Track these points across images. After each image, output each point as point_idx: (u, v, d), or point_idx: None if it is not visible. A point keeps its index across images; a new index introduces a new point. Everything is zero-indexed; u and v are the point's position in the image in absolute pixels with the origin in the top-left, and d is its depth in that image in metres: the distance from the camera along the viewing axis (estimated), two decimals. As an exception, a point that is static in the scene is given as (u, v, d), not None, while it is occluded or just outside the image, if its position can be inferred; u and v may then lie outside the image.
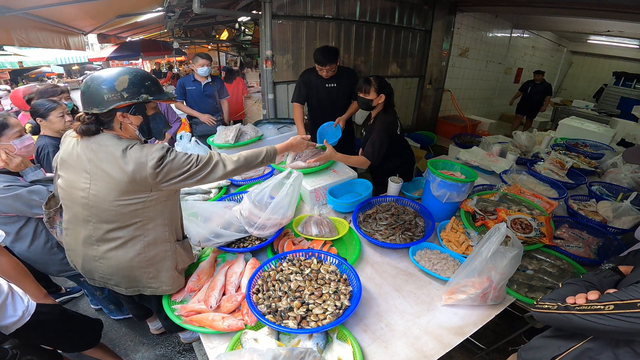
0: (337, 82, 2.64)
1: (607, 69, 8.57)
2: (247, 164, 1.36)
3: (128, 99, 1.11)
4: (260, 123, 2.82)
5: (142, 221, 1.21)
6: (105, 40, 8.10)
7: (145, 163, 1.09)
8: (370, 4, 4.15)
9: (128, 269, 1.29)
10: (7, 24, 2.91)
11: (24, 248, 1.71)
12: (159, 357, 2.09)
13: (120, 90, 1.09)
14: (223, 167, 1.27)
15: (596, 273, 1.09)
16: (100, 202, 1.16)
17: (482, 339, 1.92)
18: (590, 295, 0.86)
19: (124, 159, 1.10)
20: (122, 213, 1.17)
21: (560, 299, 0.95)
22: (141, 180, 1.11)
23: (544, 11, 4.71)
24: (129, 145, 1.12)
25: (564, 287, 1.04)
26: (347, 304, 1.23)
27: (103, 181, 1.13)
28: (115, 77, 1.09)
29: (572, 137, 3.70)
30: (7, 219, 1.62)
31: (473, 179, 1.86)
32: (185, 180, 1.19)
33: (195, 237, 1.49)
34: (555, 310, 0.90)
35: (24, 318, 1.23)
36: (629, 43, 6.96)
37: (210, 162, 1.24)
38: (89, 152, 1.14)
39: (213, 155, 1.27)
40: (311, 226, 1.71)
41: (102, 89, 1.08)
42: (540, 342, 1.08)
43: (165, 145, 1.16)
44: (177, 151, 1.19)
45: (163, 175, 1.13)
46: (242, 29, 7.87)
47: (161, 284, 1.36)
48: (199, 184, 1.29)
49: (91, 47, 13.97)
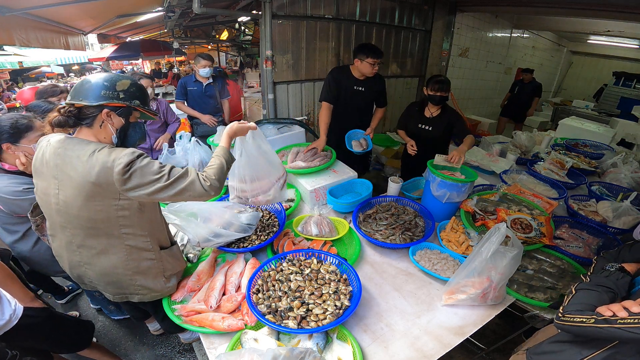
0: (365, 86, 2.51)
1: (607, 69, 8.57)
2: (223, 177, 1.26)
3: (122, 100, 1.14)
4: (260, 123, 2.82)
5: (118, 229, 1.19)
6: (105, 40, 8.09)
7: (112, 168, 1.05)
8: (370, 4, 4.15)
9: (113, 276, 1.29)
10: (7, 24, 2.90)
11: (27, 248, 1.71)
12: (159, 357, 2.09)
13: (119, 91, 1.13)
14: (202, 183, 1.16)
15: (606, 275, 1.07)
16: (69, 208, 1.15)
17: (482, 339, 1.92)
18: (633, 307, 0.83)
19: (89, 162, 1.06)
20: (94, 219, 1.15)
21: (588, 309, 0.93)
22: (107, 185, 1.07)
23: (544, 11, 4.71)
24: (97, 149, 1.08)
25: (582, 295, 1.02)
26: (347, 304, 1.23)
27: (70, 187, 1.11)
28: (119, 79, 1.15)
29: (572, 137, 3.70)
30: (19, 219, 1.63)
31: (473, 179, 1.86)
32: (157, 193, 1.10)
33: (195, 238, 1.49)
34: (593, 324, 0.87)
35: (11, 322, 1.23)
36: (629, 43, 6.95)
37: (185, 177, 1.14)
38: (56, 157, 1.11)
39: (190, 171, 1.17)
40: (311, 226, 1.71)
41: (102, 84, 1.10)
42: (555, 347, 1.06)
43: (136, 151, 1.11)
44: (152, 160, 1.13)
45: (130, 182, 1.07)
46: (242, 29, 7.86)
47: (149, 291, 1.36)
48: (175, 200, 1.19)
49: (91, 47, 13.96)
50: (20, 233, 1.68)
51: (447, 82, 2.31)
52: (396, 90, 5.21)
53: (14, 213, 1.58)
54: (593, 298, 0.98)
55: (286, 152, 2.39)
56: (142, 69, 12.70)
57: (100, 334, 2.24)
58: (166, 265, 1.36)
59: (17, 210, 1.56)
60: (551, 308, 1.37)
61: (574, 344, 0.99)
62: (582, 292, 1.03)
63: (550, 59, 9.48)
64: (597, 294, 0.99)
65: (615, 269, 1.09)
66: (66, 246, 1.27)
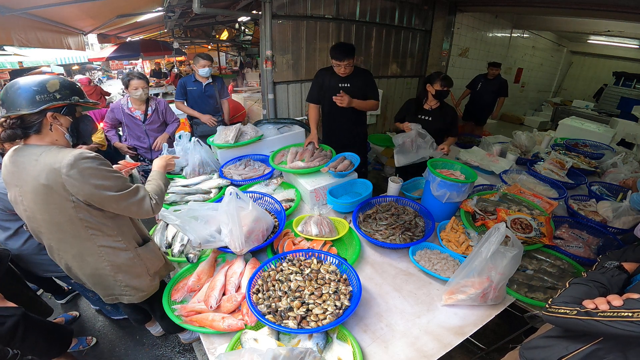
0: (350, 81, 2.50)
1: (607, 69, 8.56)
2: (163, 198, 1.36)
3: (61, 99, 1.12)
4: (260, 123, 2.82)
5: (85, 231, 1.19)
6: (105, 40, 8.09)
7: (59, 169, 1.04)
8: (370, 4, 4.15)
9: (98, 277, 1.31)
10: (7, 24, 2.90)
11: (17, 245, 1.74)
12: (159, 357, 2.09)
13: (53, 92, 1.10)
14: (150, 202, 1.23)
15: (602, 272, 1.08)
16: (34, 213, 1.16)
17: (482, 339, 1.92)
18: (614, 301, 0.83)
19: (38, 165, 1.07)
20: (58, 222, 1.16)
21: (575, 302, 0.94)
22: (57, 186, 1.07)
23: (544, 11, 4.71)
24: (44, 151, 1.08)
25: (573, 288, 1.03)
26: (347, 304, 1.23)
27: (28, 192, 1.12)
28: (46, 81, 1.11)
29: (572, 137, 3.70)
30: (12, 216, 1.66)
31: (473, 179, 1.86)
32: (110, 201, 1.13)
33: (196, 239, 1.49)
34: (575, 315, 0.88)
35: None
36: (629, 43, 6.95)
37: (137, 192, 1.20)
38: (13, 166, 1.12)
39: (140, 187, 1.23)
40: (311, 226, 1.71)
41: (33, 90, 1.07)
42: (545, 342, 1.07)
43: (84, 152, 1.09)
44: (101, 165, 1.12)
45: (78, 180, 1.06)
46: (242, 29, 7.87)
47: (136, 291, 1.37)
48: (120, 212, 1.21)
49: (91, 47, 13.97)
50: (12, 230, 1.71)
51: (449, 78, 2.44)
52: (396, 90, 5.21)
53: (7, 209, 1.61)
54: (582, 292, 0.98)
55: (286, 152, 2.39)
56: (142, 69, 12.68)
57: (100, 334, 2.24)
58: (147, 263, 1.38)
59: (9, 207, 1.57)
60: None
61: (562, 339, 1.00)
62: (574, 286, 1.04)
63: (550, 59, 9.48)
64: (587, 289, 1.00)
65: (612, 267, 1.10)
66: (49, 250, 1.30)
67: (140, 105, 2.78)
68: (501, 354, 1.93)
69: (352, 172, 2.16)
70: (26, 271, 1.89)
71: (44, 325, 1.61)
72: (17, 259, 1.80)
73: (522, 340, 1.67)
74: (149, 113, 2.80)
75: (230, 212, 1.38)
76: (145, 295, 1.42)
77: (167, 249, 1.71)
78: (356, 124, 2.71)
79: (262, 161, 2.50)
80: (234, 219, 1.38)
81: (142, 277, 1.36)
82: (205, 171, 2.36)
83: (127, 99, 2.77)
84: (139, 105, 2.78)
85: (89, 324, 2.33)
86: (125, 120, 2.81)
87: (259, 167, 2.42)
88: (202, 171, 2.35)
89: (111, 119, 2.83)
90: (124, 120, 2.81)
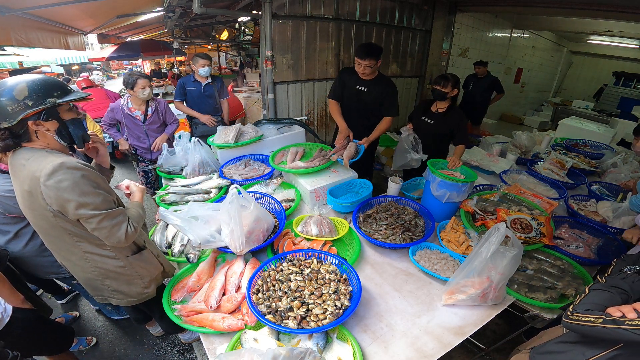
0: (368, 87, 2.47)
1: (607, 69, 8.57)
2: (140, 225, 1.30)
3: (34, 106, 1.03)
4: (260, 123, 2.82)
5: (70, 237, 1.18)
6: (105, 40, 8.10)
7: (39, 178, 1.03)
8: (370, 4, 4.15)
9: (86, 280, 1.32)
10: (7, 24, 2.89)
11: (18, 247, 1.74)
12: (159, 357, 2.09)
13: (22, 100, 1.02)
14: (127, 228, 1.18)
15: (622, 277, 1.06)
16: (26, 216, 1.19)
17: (482, 339, 1.92)
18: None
19: (24, 171, 1.06)
20: (43, 227, 1.16)
21: (598, 309, 0.93)
22: (36, 194, 1.05)
23: (544, 11, 4.71)
24: (31, 157, 1.06)
25: (594, 294, 1.01)
26: (347, 304, 1.23)
27: (19, 195, 1.15)
28: (13, 88, 1.02)
29: (572, 137, 3.70)
30: (11, 219, 1.65)
31: (473, 179, 1.86)
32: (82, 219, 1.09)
33: (196, 239, 1.49)
34: (601, 324, 0.86)
35: (3, 320, 1.25)
36: (629, 43, 6.95)
37: (115, 216, 1.14)
38: (12, 167, 1.14)
39: (121, 212, 1.19)
40: (311, 226, 1.71)
41: (2, 102, 1.00)
42: (559, 347, 1.06)
43: (65, 163, 1.04)
44: (87, 177, 1.08)
45: (52, 191, 1.03)
46: (242, 29, 7.87)
47: (124, 296, 1.38)
48: (95, 233, 1.15)
49: (91, 47, 13.97)
50: (12, 233, 1.71)
51: (450, 78, 2.29)
52: (396, 90, 5.20)
53: (8, 212, 1.60)
54: (605, 299, 0.97)
55: (286, 152, 2.39)
56: (142, 68, 12.68)
57: (101, 334, 2.24)
58: (139, 271, 1.36)
59: (11, 210, 1.58)
60: (562, 310, 1.37)
61: (579, 345, 0.98)
62: (595, 292, 1.02)
63: (550, 59, 9.48)
64: (610, 295, 0.98)
65: (632, 272, 1.08)
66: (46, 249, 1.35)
67: (140, 106, 2.78)
68: (501, 354, 1.94)
69: (359, 158, 2.21)
70: (27, 272, 1.89)
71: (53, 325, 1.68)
72: (19, 262, 1.79)
73: (523, 340, 1.67)
74: (149, 113, 2.80)
75: (232, 211, 1.37)
76: (134, 301, 1.41)
77: (167, 249, 1.71)
78: (371, 124, 2.62)
79: (262, 161, 2.50)
80: (235, 218, 1.38)
81: (134, 284, 1.35)
82: (205, 171, 2.36)
83: (127, 99, 2.77)
84: (139, 106, 2.78)
85: (89, 324, 2.33)
86: (125, 121, 2.80)
87: (259, 167, 2.42)
88: (202, 171, 2.35)
89: (110, 118, 2.83)
90: (123, 121, 2.80)
